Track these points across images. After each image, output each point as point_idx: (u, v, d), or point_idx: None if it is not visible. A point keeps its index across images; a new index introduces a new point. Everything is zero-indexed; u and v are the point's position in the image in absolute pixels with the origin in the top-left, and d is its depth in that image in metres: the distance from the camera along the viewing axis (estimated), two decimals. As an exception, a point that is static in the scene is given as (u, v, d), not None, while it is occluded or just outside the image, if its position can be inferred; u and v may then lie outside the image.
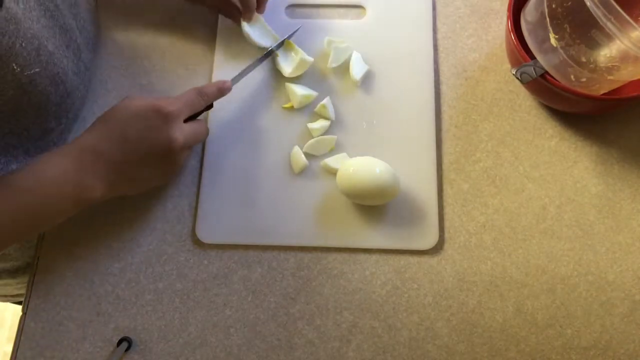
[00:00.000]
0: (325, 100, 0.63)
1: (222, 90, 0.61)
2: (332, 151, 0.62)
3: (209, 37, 0.69)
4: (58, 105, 0.60)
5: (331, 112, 0.63)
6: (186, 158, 0.60)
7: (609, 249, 0.59)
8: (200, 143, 0.62)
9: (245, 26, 0.65)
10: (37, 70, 0.54)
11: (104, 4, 0.71)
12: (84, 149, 0.53)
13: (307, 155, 0.62)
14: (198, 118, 0.60)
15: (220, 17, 0.69)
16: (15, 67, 0.51)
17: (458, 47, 0.68)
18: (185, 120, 0.57)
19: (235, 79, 0.63)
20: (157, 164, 0.56)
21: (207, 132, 0.61)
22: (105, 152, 0.53)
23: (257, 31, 0.66)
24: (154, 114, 0.54)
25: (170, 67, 0.68)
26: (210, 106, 0.61)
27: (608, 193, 0.61)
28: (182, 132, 0.55)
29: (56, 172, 0.51)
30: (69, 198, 0.52)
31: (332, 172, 0.61)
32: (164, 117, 0.54)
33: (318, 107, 0.63)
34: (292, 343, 0.57)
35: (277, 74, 0.66)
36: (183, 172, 0.63)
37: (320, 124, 0.63)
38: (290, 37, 0.66)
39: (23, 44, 0.50)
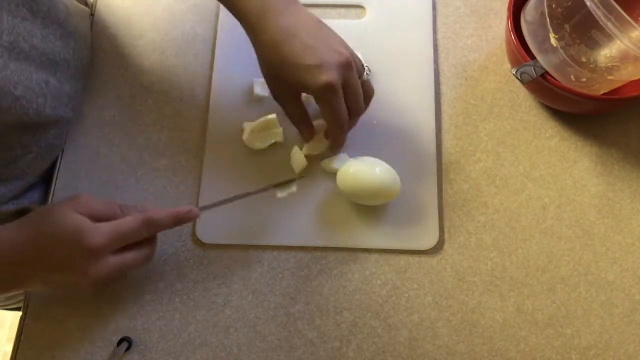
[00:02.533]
0: None
1: (180, 219, 0.53)
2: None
3: (209, 36, 0.68)
4: (22, 134, 0.58)
5: None
6: (115, 280, 0.55)
7: (609, 249, 0.59)
8: (138, 268, 0.54)
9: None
10: None
11: (103, 7, 0.71)
12: (12, 244, 0.49)
13: (306, 155, 0.62)
14: (143, 243, 0.53)
15: (220, 17, 0.69)
16: None
17: (458, 47, 0.68)
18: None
19: (207, 207, 0.57)
20: (70, 285, 0.51)
21: (146, 261, 0.54)
22: (16, 261, 0.50)
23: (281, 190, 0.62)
24: (75, 244, 0.48)
25: (170, 67, 0.68)
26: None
27: (608, 193, 0.61)
28: (103, 268, 0.49)
29: None
30: None
31: (332, 172, 0.61)
32: (84, 251, 0.48)
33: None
34: (292, 343, 0.57)
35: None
36: (183, 172, 0.63)
37: (317, 122, 0.63)
38: (293, 180, 0.61)
39: None
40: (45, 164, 0.64)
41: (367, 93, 0.59)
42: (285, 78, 0.55)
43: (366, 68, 0.59)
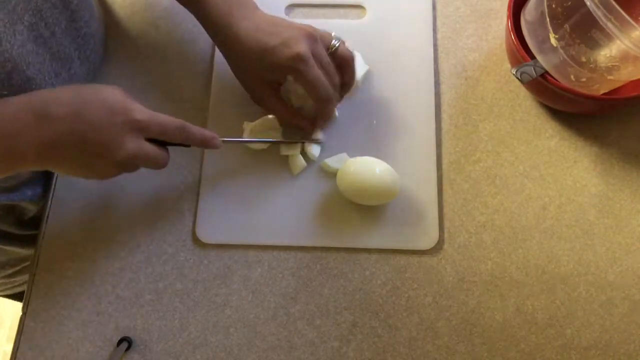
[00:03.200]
0: None
1: (206, 142, 0.56)
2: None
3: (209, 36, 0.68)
4: None
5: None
6: (126, 171, 0.53)
7: (609, 249, 0.59)
8: (151, 169, 0.55)
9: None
10: (4, 93, 0.51)
11: (103, 7, 0.71)
12: (30, 104, 0.48)
13: (305, 155, 0.62)
14: (166, 147, 0.55)
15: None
16: None
17: (458, 47, 0.68)
18: (151, 141, 0.53)
19: (228, 141, 0.59)
20: (93, 159, 0.51)
21: (163, 164, 0.55)
22: (53, 117, 0.48)
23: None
24: (122, 111, 0.50)
25: (170, 67, 0.68)
26: (187, 145, 0.56)
27: (608, 193, 0.61)
28: (135, 147, 0.51)
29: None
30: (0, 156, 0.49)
31: (332, 173, 0.61)
32: (128, 121, 0.50)
33: None
34: (292, 343, 0.57)
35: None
36: (183, 172, 0.63)
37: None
38: (300, 141, 0.62)
39: None
40: None
41: (345, 59, 0.60)
42: (256, 71, 0.58)
43: (334, 37, 0.60)
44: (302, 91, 0.59)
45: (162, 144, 0.54)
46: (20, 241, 0.70)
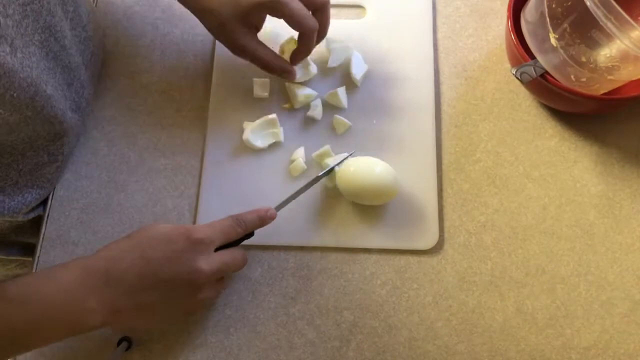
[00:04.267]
0: (340, 90, 0.63)
1: (264, 219, 0.55)
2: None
3: (209, 36, 0.68)
4: (51, 141, 0.58)
5: (344, 101, 0.64)
6: (212, 296, 0.53)
7: (609, 249, 0.59)
8: (235, 271, 0.56)
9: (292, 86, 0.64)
10: (28, 114, 0.51)
11: (103, 7, 0.71)
12: (94, 267, 0.48)
13: (315, 161, 0.62)
14: (234, 247, 0.55)
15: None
16: (2, 112, 0.48)
17: (458, 47, 0.68)
18: (218, 249, 0.52)
19: (280, 206, 0.57)
20: (175, 296, 0.50)
21: (243, 263, 0.55)
22: (119, 272, 0.48)
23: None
24: (183, 238, 0.50)
25: (170, 67, 0.68)
26: (250, 234, 0.56)
27: (608, 193, 0.61)
28: (210, 263, 0.50)
29: (55, 290, 0.46)
30: (62, 322, 0.47)
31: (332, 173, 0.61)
32: (192, 244, 0.50)
33: (328, 95, 0.64)
34: (292, 343, 0.57)
35: (276, 77, 0.66)
36: (183, 172, 0.63)
37: (315, 111, 0.63)
38: (339, 164, 0.60)
39: (15, 94, 0.47)
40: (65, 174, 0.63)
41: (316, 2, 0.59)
42: (234, 19, 0.56)
43: None
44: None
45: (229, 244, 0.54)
46: (29, 250, 0.70)
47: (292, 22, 0.57)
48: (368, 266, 0.59)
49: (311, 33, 0.58)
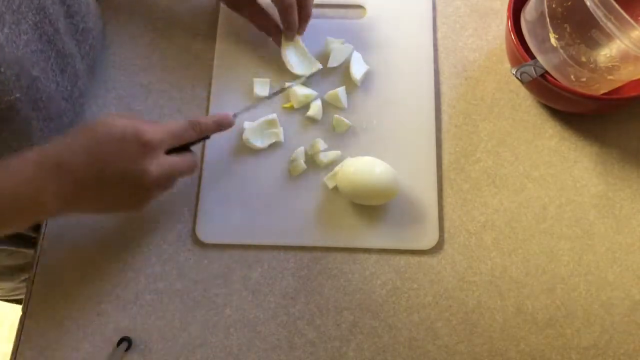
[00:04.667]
0: (340, 90, 0.63)
1: (221, 124, 0.57)
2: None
3: (209, 36, 0.68)
4: (41, 130, 0.58)
5: (344, 101, 0.64)
6: (159, 194, 0.54)
7: (609, 249, 0.59)
8: (186, 177, 0.57)
9: (286, 49, 0.64)
10: (17, 95, 0.52)
11: (103, 7, 0.71)
12: (45, 159, 0.49)
13: (308, 155, 0.62)
14: (191, 149, 0.56)
15: (220, 18, 0.69)
16: None
17: (458, 47, 0.68)
18: (171, 151, 0.53)
19: (240, 113, 0.59)
20: (124, 193, 0.52)
21: (194, 167, 0.56)
22: (69, 166, 0.49)
23: (295, 57, 0.64)
24: (133, 138, 0.50)
25: (170, 67, 0.68)
26: (206, 137, 0.57)
27: (608, 193, 0.61)
28: (158, 166, 0.51)
29: (11, 183, 0.47)
30: (21, 212, 0.49)
31: (325, 166, 0.61)
32: (142, 145, 0.50)
33: (328, 95, 0.64)
34: (292, 343, 0.57)
35: (276, 76, 0.66)
36: (183, 172, 0.63)
37: (315, 111, 0.63)
38: (312, 75, 0.64)
39: (1, 69, 0.48)
40: None
41: None
42: None
43: None
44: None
45: (182, 147, 0.55)
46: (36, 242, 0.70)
47: None
48: (368, 266, 0.59)
49: (289, 8, 0.61)
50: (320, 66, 0.65)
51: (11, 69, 0.50)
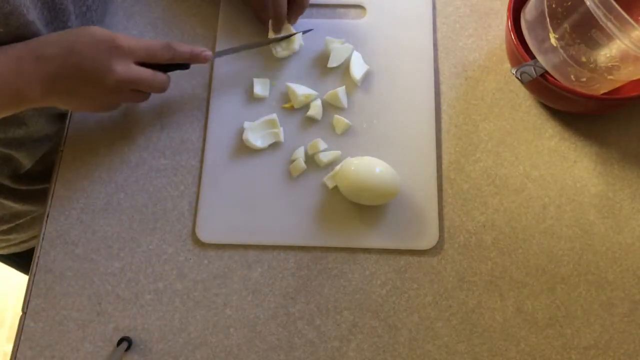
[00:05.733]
0: (340, 90, 0.63)
1: (196, 56, 0.60)
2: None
3: (209, 36, 0.68)
4: None
5: (344, 101, 0.64)
6: (128, 101, 0.60)
7: (609, 249, 0.59)
8: (153, 92, 0.61)
9: (273, 36, 0.66)
10: (0, 31, 0.53)
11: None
12: (26, 52, 0.53)
13: (308, 155, 0.62)
14: (166, 73, 0.59)
15: (220, 17, 0.69)
16: None
17: (458, 47, 0.68)
18: (145, 66, 0.57)
19: (220, 53, 0.62)
20: (91, 90, 0.56)
21: (163, 84, 0.59)
22: (46, 57, 0.53)
23: (281, 46, 0.66)
24: (106, 42, 0.54)
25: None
26: (186, 66, 0.60)
27: (608, 193, 0.61)
28: (124, 69, 0.55)
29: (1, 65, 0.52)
30: (6, 98, 0.53)
31: (324, 166, 0.61)
32: (113, 48, 0.54)
33: (328, 95, 0.64)
34: (292, 343, 0.57)
35: (276, 76, 0.66)
36: (183, 172, 0.63)
37: (315, 111, 0.63)
38: (293, 34, 0.66)
39: None
40: (51, 128, 0.68)
41: None
42: None
43: None
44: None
45: (160, 69, 0.58)
46: (14, 195, 0.72)
47: None
48: (368, 266, 0.59)
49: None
50: (298, 46, 0.66)
51: (0, 7, 0.51)
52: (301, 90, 0.64)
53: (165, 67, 0.59)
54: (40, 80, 0.53)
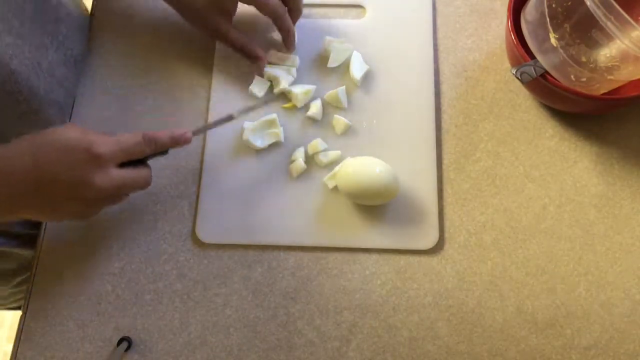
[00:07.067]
0: (340, 90, 0.63)
1: (176, 140, 0.55)
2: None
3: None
4: (22, 123, 0.58)
5: (344, 101, 0.64)
6: (110, 206, 0.54)
7: (609, 249, 0.59)
8: (137, 190, 0.55)
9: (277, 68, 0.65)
10: None
11: (103, 7, 0.71)
12: None
13: (308, 155, 0.62)
14: (147, 163, 0.55)
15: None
16: None
17: (458, 47, 0.68)
18: (126, 164, 0.52)
19: (198, 131, 0.58)
20: (66, 202, 0.50)
21: (146, 181, 0.55)
22: (4, 170, 0.48)
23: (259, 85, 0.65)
24: (83, 151, 0.49)
25: (170, 67, 0.68)
26: (165, 152, 0.55)
27: (608, 193, 0.61)
28: (105, 180, 0.50)
29: None
30: None
31: (324, 167, 0.61)
32: (90, 157, 0.49)
33: (328, 95, 0.64)
34: (292, 343, 0.57)
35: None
36: (183, 172, 0.63)
37: (315, 111, 0.63)
38: (247, 111, 0.62)
39: None
40: None
41: None
42: (208, 5, 0.61)
43: None
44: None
45: (140, 161, 0.54)
46: (32, 242, 0.70)
47: (260, 7, 0.61)
48: (368, 266, 0.59)
49: (281, 16, 0.62)
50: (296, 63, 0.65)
51: None
52: (299, 89, 0.63)
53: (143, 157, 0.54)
54: (3, 199, 0.48)
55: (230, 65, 0.67)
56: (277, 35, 0.66)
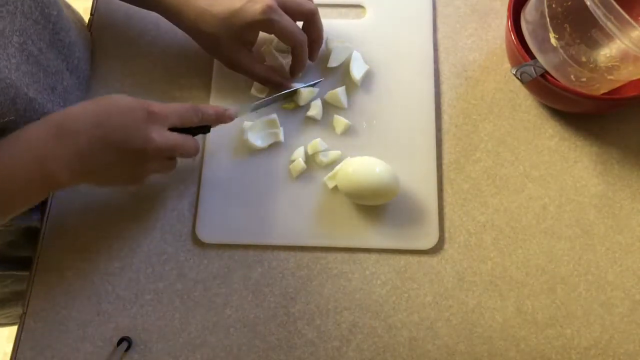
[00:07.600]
0: (340, 90, 0.63)
1: (221, 117, 0.58)
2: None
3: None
4: None
5: (344, 101, 0.64)
6: (159, 170, 0.56)
7: (609, 249, 0.59)
8: (185, 157, 0.58)
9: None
10: (12, 118, 0.52)
11: (103, 7, 0.71)
12: (48, 127, 0.50)
13: (308, 155, 0.62)
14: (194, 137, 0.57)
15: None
16: None
17: (458, 47, 0.68)
18: (175, 131, 0.55)
19: (242, 111, 0.60)
20: (126, 162, 0.53)
21: (195, 149, 0.57)
22: (71, 130, 0.50)
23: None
24: (139, 110, 0.52)
25: (170, 67, 0.68)
26: (207, 129, 0.59)
27: (608, 193, 0.61)
28: (162, 136, 0.53)
29: (17, 155, 0.48)
30: (33, 189, 0.50)
31: (324, 166, 0.61)
32: (147, 115, 0.52)
33: (328, 95, 0.64)
34: (292, 343, 0.57)
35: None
36: (183, 172, 0.63)
37: (315, 111, 0.63)
38: (312, 85, 0.64)
39: None
40: None
41: (304, 13, 0.61)
42: (227, 37, 0.59)
43: None
44: (275, 55, 0.65)
45: (183, 133, 0.56)
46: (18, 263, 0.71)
47: (283, 37, 0.60)
48: (368, 266, 0.59)
49: (301, 46, 0.60)
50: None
51: (6, 94, 0.50)
52: (302, 88, 0.64)
53: (188, 131, 0.57)
54: (66, 161, 0.49)
55: (228, 82, 0.67)
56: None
